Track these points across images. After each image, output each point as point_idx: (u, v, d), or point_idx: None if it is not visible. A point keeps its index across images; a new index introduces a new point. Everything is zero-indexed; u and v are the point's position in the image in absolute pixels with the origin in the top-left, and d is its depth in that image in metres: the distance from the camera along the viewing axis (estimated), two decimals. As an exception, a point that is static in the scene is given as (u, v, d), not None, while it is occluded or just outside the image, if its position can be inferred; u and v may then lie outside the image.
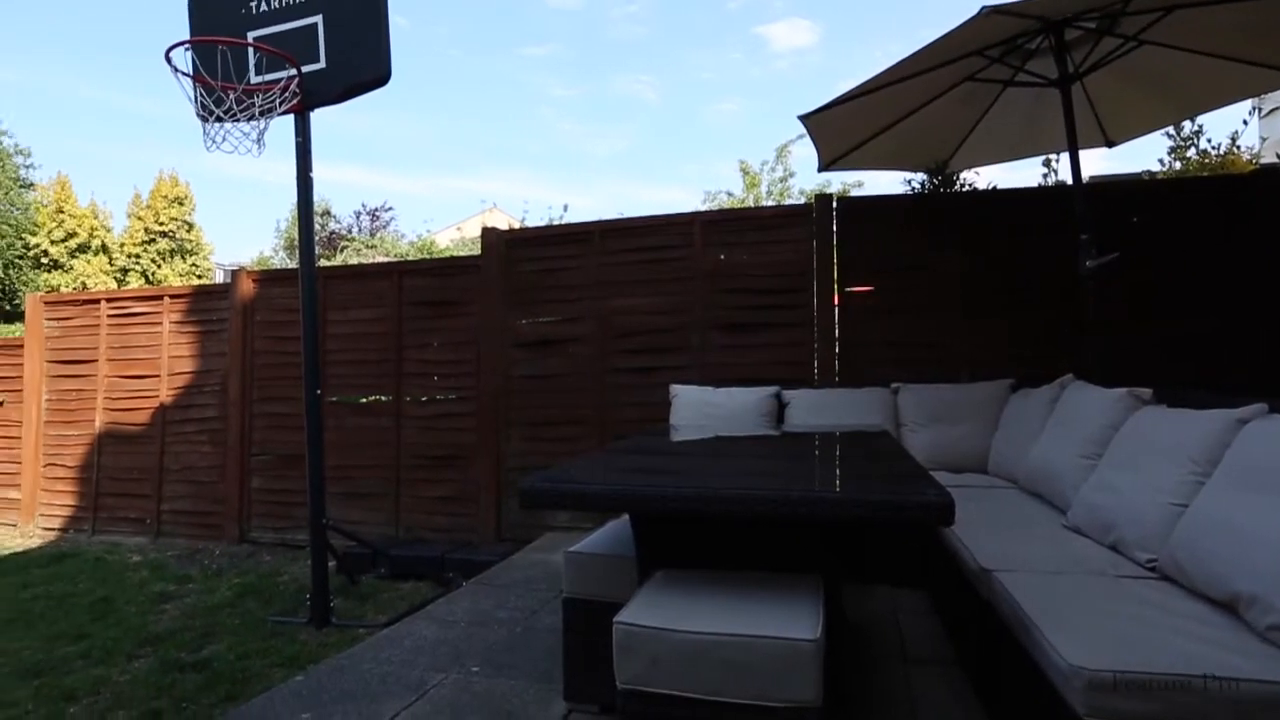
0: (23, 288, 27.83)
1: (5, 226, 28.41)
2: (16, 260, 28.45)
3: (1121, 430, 2.64)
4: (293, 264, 28.19)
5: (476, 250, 5.92)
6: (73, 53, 53.49)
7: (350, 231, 26.01)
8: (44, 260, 28.11)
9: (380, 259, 15.31)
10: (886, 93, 3.89)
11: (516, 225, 13.43)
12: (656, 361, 5.27)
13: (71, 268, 28.05)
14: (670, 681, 1.68)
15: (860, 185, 13.71)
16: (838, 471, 2.49)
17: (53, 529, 6.99)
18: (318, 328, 4.59)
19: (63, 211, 28.40)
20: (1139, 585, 2.03)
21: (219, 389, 6.43)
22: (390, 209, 31.16)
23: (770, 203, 14.71)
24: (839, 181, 14.19)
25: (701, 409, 4.55)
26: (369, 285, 6.07)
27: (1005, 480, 3.65)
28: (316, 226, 5.15)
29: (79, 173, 50.43)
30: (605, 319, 5.38)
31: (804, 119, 4.10)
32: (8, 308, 27.86)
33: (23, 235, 28.46)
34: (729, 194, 15.42)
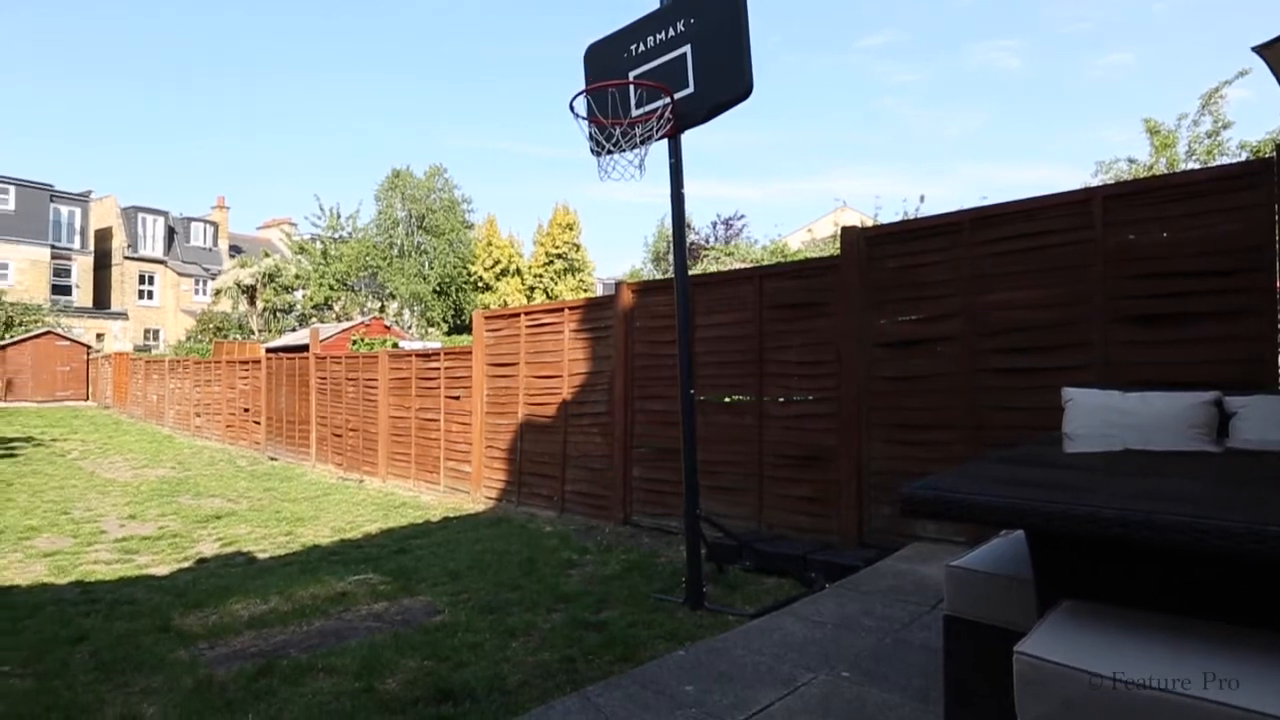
0: (467, 306, 35.62)
1: (456, 259, 36.65)
2: (463, 285, 36.51)
3: None
4: (659, 275, 31.24)
5: (828, 250, 5.90)
6: (495, 118, 66.96)
7: (707, 241, 27.88)
8: (479, 283, 35.56)
9: (737, 265, 16.11)
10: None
11: (869, 222, 13.00)
12: (1042, 361, 4.64)
13: (496, 288, 34.98)
14: (1090, 732, 1.45)
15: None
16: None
17: (491, 498, 8.77)
18: (690, 333, 4.99)
19: (491, 244, 35.58)
20: None
21: (606, 388, 7.40)
22: (742, 217, 32.67)
23: (1192, 164, 11.95)
24: (1302, 124, 10.95)
25: (1104, 417, 3.85)
26: (731, 290, 6.42)
27: None
28: (685, 239, 5.59)
29: (501, 210, 62.95)
30: (978, 315, 4.91)
31: (1261, 50, 3.23)
32: (457, 322, 35.84)
33: (467, 265, 36.42)
34: (1129, 161, 12.96)
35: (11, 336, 29.06)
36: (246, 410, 15.63)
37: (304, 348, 16.97)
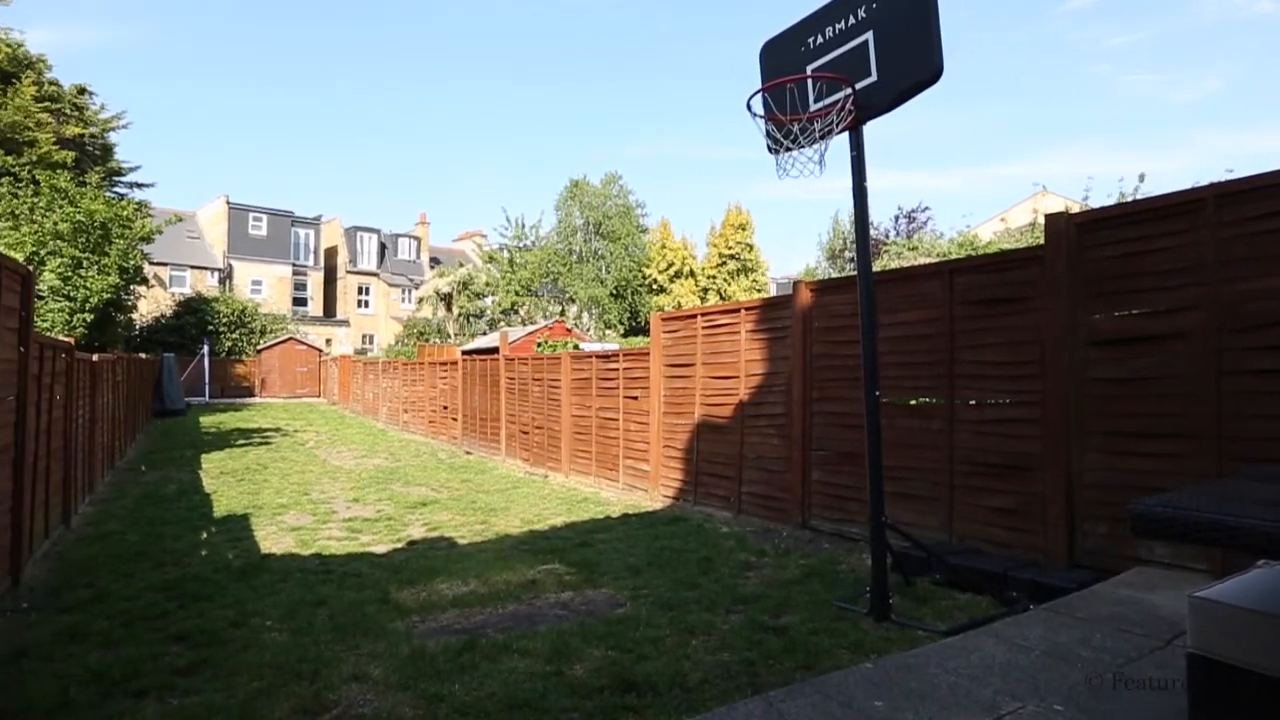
0: (642, 308, 36.62)
1: (631, 262, 37.80)
2: (638, 288, 37.59)
3: None
4: (835, 273, 30.20)
5: (1024, 241, 5.45)
6: (668, 122, 68.32)
7: (888, 236, 26.53)
8: (654, 286, 36.41)
9: (921, 260, 15.17)
10: None
11: (1075, 207, 11.69)
12: (1312, 361, 3.91)
13: (670, 290, 35.64)
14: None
15: None
16: None
17: (668, 496, 8.93)
18: (875, 332, 4.76)
19: (665, 246, 36.33)
20: None
21: (784, 389, 7.27)
22: (926, 209, 30.87)
23: None
24: None
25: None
26: (917, 287, 6.06)
27: None
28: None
29: (674, 214, 64.01)
30: (1225, 307, 4.23)
31: None
32: (633, 324, 36.94)
33: (642, 268, 37.45)
34: None
35: (264, 342, 34.30)
36: (445, 408, 17.14)
37: (494, 350, 18.33)
